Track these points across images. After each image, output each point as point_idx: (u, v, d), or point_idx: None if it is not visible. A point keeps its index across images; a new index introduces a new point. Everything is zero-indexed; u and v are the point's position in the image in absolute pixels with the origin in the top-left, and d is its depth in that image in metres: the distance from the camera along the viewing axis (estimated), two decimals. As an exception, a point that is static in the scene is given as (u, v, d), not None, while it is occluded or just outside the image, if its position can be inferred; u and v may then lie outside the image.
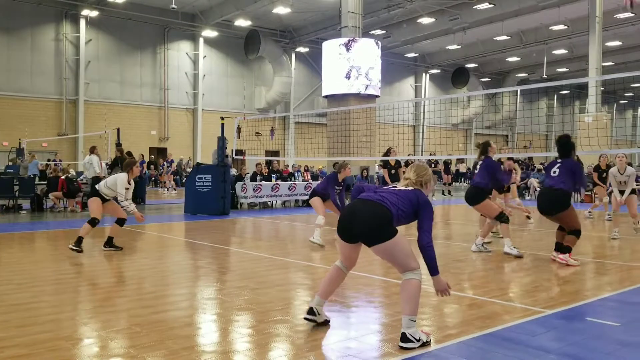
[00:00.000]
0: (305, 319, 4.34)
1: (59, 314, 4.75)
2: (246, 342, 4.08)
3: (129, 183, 7.90)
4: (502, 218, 7.90)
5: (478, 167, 8.20)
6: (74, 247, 7.62)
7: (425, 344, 3.89)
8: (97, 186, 8.08)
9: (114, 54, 29.25)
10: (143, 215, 8.14)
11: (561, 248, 7.24)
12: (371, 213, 3.90)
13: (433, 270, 3.92)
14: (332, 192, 8.88)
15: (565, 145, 7.46)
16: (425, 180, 4.12)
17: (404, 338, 3.83)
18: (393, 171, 14.25)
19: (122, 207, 7.87)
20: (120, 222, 8.04)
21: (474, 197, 8.00)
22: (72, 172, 18.46)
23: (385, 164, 13.98)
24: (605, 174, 12.24)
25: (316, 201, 8.91)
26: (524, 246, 8.76)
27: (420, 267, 3.98)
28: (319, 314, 4.33)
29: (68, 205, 14.77)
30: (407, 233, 8.91)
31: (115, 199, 7.98)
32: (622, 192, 9.89)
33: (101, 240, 8.15)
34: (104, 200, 7.96)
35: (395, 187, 4.18)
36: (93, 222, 7.81)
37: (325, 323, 4.36)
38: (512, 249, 7.75)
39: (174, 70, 31.32)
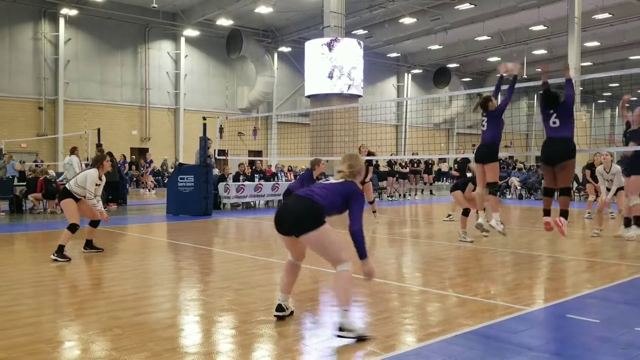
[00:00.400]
0: (276, 316, 4.51)
1: (39, 316, 4.69)
2: (229, 343, 4.07)
3: (100, 179, 7.56)
4: (495, 187, 7.96)
5: (485, 124, 8.09)
6: (58, 258, 7.11)
7: (363, 338, 4.00)
8: (67, 186, 7.57)
9: (94, 53, 28.92)
10: (108, 217, 7.85)
11: (562, 213, 7.17)
12: (299, 205, 4.19)
13: (362, 254, 4.15)
14: None
15: (553, 96, 7.42)
16: (357, 170, 4.40)
17: (340, 328, 4.03)
18: None
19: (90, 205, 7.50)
20: (94, 223, 7.78)
21: (490, 154, 7.95)
22: (52, 172, 18.23)
23: None
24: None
25: None
26: (506, 244, 8.84)
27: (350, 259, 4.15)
28: (286, 309, 4.57)
29: (48, 206, 14.58)
30: (391, 231, 8.89)
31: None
32: (609, 190, 10.05)
33: (81, 241, 8.05)
34: (76, 200, 7.51)
35: (328, 180, 4.46)
36: (73, 228, 7.35)
37: (291, 314, 4.62)
38: (498, 223, 7.85)
39: (155, 70, 31.06)
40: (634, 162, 8.28)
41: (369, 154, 12.09)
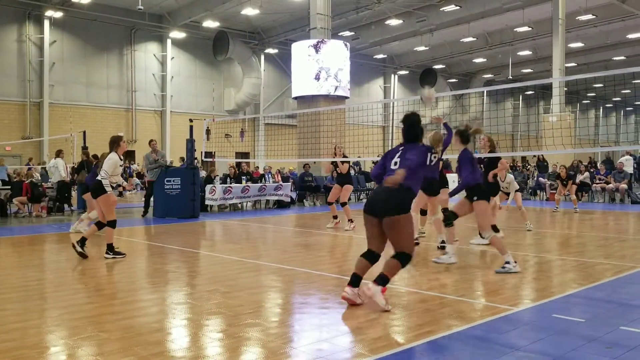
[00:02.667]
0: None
1: (24, 322, 4.64)
2: (217, 347, 4.05)
3: (121, 159, 7.75)
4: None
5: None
6: (115, 256, 7.57)
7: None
8: (100, 180, 7.59)
9: (79, 55, 28.68)
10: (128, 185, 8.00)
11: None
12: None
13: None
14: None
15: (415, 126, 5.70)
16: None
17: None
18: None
19: (101, 181, 7.55)
20: (100, 225, 7.69)
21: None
22: (37, 176, 18.07)
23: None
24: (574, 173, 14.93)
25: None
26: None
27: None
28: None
29: (33, 210, 14.44)
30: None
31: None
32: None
33: (69, 246, 7.98)
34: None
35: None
36: (114, 224, 7.63)
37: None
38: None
39: (142, 72, 30.86)
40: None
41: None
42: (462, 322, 4.56)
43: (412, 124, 5.66)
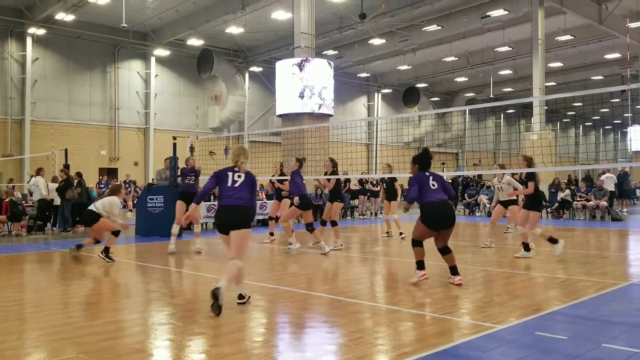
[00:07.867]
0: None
1: (2, 343, 4.55)
2: (199, 368, 4.00)
3: (121, 202, 9.91)
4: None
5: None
6: (105, 258, 9.02)
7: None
8: (94, 209, 9.22)
9: (62, 73, 28.53)
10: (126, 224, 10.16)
11: (453, 270, 7.04)
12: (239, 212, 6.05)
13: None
14: None
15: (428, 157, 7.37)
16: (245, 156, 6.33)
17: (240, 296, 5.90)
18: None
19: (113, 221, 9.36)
20: (116, 233, 9.37)
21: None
22: (18, 194, 17.83)
23: None
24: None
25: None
26: (475, 261, 8.92)
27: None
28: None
29: (13, 229, 14.22)
30: (362, 250, 8.91)
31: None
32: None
33: (50, 266, 7.87)
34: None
35: (239, 176, 6.56)
36: (118, 233, 9.36)
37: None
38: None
39: (125, 90, 30.76)
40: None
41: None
42: (446, 340, 4.56)
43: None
